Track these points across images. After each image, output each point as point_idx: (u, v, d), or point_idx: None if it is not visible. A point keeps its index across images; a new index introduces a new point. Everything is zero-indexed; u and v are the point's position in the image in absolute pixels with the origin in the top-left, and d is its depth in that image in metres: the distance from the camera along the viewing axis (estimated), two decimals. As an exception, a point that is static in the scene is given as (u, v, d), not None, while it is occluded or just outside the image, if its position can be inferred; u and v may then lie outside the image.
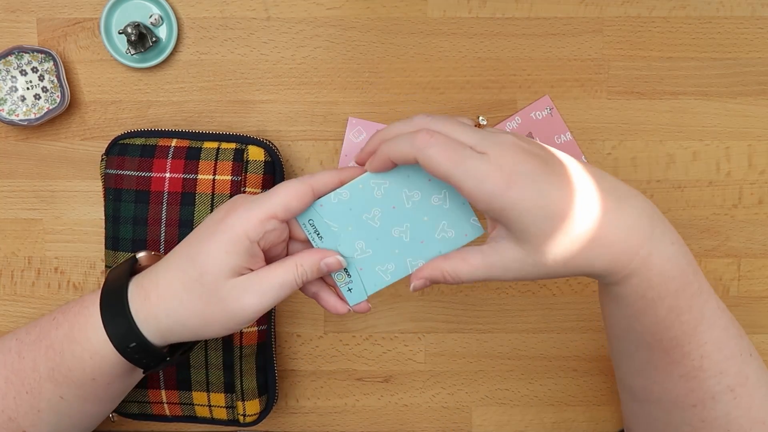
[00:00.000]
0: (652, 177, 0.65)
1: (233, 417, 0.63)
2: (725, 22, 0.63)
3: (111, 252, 0.61)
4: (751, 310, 0.66)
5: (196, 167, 0.60)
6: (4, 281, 0.66)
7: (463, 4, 0.63)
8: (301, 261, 0.49)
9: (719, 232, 0.65)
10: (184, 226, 0.59)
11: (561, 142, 0.64)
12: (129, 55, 0.62)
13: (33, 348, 0.52)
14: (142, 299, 0.50)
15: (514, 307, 0.67)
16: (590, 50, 0.64)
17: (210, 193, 0.59)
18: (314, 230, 0.50)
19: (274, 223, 0.48)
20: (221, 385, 0.61)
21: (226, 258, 0.47)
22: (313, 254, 0.50)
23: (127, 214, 0.60)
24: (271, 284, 0.48)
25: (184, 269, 0.49)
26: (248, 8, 0.63)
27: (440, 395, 0.68)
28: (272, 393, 0.64)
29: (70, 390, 0.52)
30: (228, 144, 0.61)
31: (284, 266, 0.49)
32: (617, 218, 0.45)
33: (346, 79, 0.64)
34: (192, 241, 0.50)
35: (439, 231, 0.50)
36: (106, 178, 0.61)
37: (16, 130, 0.65)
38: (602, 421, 0.68)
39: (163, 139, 0.61)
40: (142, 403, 0.63)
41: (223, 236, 0.48)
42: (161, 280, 0.50)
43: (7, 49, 0.61)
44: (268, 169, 0.60)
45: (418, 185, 0.49)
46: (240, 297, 0.48)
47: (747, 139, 0.64)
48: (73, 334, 0.51)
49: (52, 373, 0.51)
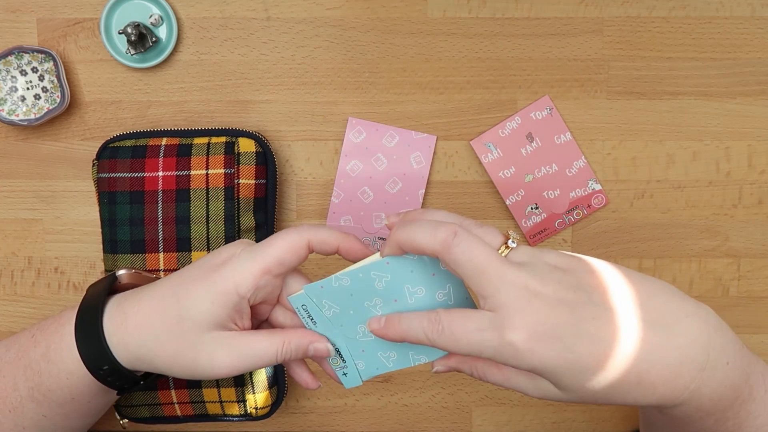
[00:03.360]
0: (652, 177, 0.65)
1: (245, 411, 0.63)
2: (725, 22, 0.63)
3: (110, 256, 0.61)
4: (751, 310, 0.66)
5: (189, 163, 0.60)
6: (4, 281, 0.66)
7: (463, 4, 0.63)
8: (290, 339, 0.47)
9: (719, 232, 0.65)
10: (181, 222, 0.59)
11: (561, 142, 0.64)
12: (129, 55, 0.62)
13: (12, 366, 0.51)
14: (119, 323, 0.48)
15: (514, 307, 0.66)
16: (590, 50, 0.64)
17: (204, 188, 0.59)
18: (308, 315, 0.48)
19: (267, 279, 0.46)
20: (231, 380, 0.61)
21: (210, 308, 0.46)
22: (303, 335, 0.48)
23: (123, 216, 0.60)
24: (250, 350, 0.46)
25: (167, 306, 0.47)
26: (248, 8, 0.63)
27: (440, 395, 0.68)
28: (282, 385, 0.64)
29: (52, 409, 0.51)
30: (218, 138, 0.61)
31: (270, 338, 0.47)
32: (663, 357, 0.41)
33: (346, 79, 0.64)
34: (184, 277, 0.48)
35: None
36: (99, 182, 0.60)
37: (16, 130, 0.65)
38: (602, 421, 0.68)
39: (153, 138, 0.61)
40: (153, 406, 0.63)
41: (212, 286, 0.46)
42: (143, 308, 0.48)
43: (7, 49, 0.61)
44: (259, 159, 0.61)
45: (421, 281, 0.46)
46: (213, 353, 0.46)
47: (747, 139, 0.64)
48: (50, 354, 0.50)
49: (31, 392, 0.50)
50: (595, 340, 0.40)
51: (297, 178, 0.65)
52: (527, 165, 0.64)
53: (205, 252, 0.60)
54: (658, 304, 0.42)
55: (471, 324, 0.41)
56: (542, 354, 0.40)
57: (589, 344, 0.40)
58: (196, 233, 0.60)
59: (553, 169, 0.64)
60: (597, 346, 0.40)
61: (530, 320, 0.40)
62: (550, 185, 0.64)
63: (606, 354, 0.40)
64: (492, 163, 0.64)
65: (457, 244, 0.41)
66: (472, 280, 0.41)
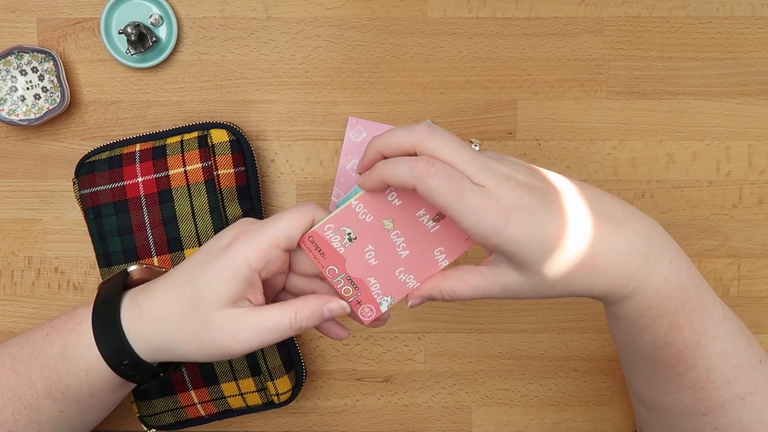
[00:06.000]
0: (652, 177, 0.65)
1: (267, 399, 0.63)
2: (725, 22, 0.63)
3: (105, 270, 0.61)
4: (751, 310, 0.66)
5: (165, 164, 0.60)
6: (4, 281, 0.66)
7: (463, 4, 0.63)
8: (301, 307, 0.48)
9: (719, 232, 0.65)
10: (169, 223, 0.60)
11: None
12: (129, 55, 0.62)
13: (27, 365, 0.52)
14: (135, 317, 0.49)
15: (514, 307, 0.67)
16: (590, 50, 0.64)
17: (185, 185, 0.60)
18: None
19: (276, 253, 0.47)
20: (246, 370, 0.62)
21: (224, 286, 0.47)
22: (315, 301, 0.48)
23: (111, 228, 0.60)
24: (264, 324, 0.47)
25: (180, 291, 0.48)
26: (248, 8, 0.63)
27: (440, 395, 0.68)
28: (299, 367, 0.64)
29: (69, 405, 0.51)
30: (189, 134, 0.61)
31: (281, 310, 0.48)
32: (613, 244, 0.45)
33: (346, 79, 0.64)
34: (193, 263, 0.49)
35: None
36: (82, 199, 0.61)
37: (16, 130, 0.65)
38: (602, 421, 0.68)
39: (127, 146, 0.62)
40: (176, 411, 0.63)
41: (224, 263, 0.47)
42: (157, 299, 0.49)
43: (7, 49, 0.61)
44: (234, 148, 0.61)
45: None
46: (230, 329, 0.47)
47: (747, 139, 0.64)
48: (68, 352, 0.50)
49: (49, 390, 0.51)
50: (559, 221, 0.44)
51: (297, 178, 0.65)
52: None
53: (197, 248, 0.60)
54: (608, 203, 0.47)
55: (462, 182, 0.44)
56: (517, 226, 0.43)
57: (554, 224, 0.44)
58: (185, 231, 0.60)
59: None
60: (560, 227, 0.44)
61: (509, 194, 0.43)
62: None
63: (567, 235, 0.44)
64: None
65: (432, 176, 0.44)
66: (454, 178, 0.44)
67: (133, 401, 0.63)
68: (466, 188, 0.43)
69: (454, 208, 0.43)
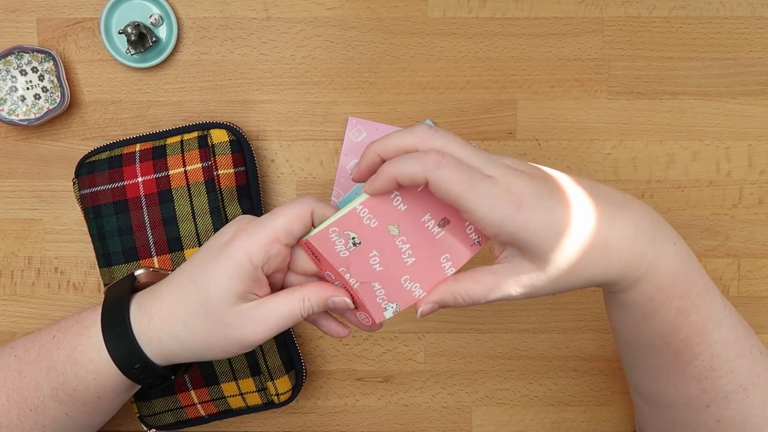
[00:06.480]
0: (652, 177, 0.65)
1: (267, 399, 0.63)
2: (725, 22, 0.63)
3: (106, 270, 0.61)
4: (751, 310, 0.66)
5: (165, 164, 0.60)
6: (4, 281, 0.66)
7: (463, 4, 0.63)
8: (309, 295, 0.48)
9: (719, 232, 0.65)
10: (169, 223, 0.60)
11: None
12: (129, 55, 0.62)
13: (34, 367, 0.52)
14: (146, 321, 0.49)
15: (514, 307, 0.67)
16: (590, 50, 0.64)
17: (185, 185, 0.60)
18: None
19: (277, 248, 0.47)
20: (246, 370, 0.62)
21: (230, 283, 0.47)
22: (321, 289, 0.49)
23: (111, 228, 0.60)
24: (275, 314, 0.48)
25: (188, 293, 0.48)
26: (248, 8, 0.63)
27: (440, 395, 0.68)
28: (299, 367, 0.64)
29: (75, 407, 0.52)
30: (189, 134, 0.61)
31: (290, 297, 0.48)
32: (621, 224, 0.45)
33: (346, 79, 0.64)
34: (196, 263, 0.49)
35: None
36: (82, 198, 0.61)
37: (16, 130, 0.65)
38: (602, 421, 0.68)
39: (127, 147, 0.62)
40: (176, 411, 0.63)
41: (227, 261, 0.47)
42: (165, 302, 0.49)
43: (7, 49, 0.61)
44: (234, 148, 0.61)
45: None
46: (243, 324, 0.48)
47: (747, 139, 0.64)
48: (75, 356, 0.51)
49: (55, 392, 0.51)
50: (566, 206, 0.44)
51: (297, 178, 0.65)
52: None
53: (197, 248, 0.60)
54: (605, 190, 0.47)
55: (473, 172, 0.44)
56: (529, 212, 0.43)
57: (563, 208, 0.44)
58: (185, 231, 0.60)
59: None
60: (569, 211, 0.44)
61: (518, 183, 0.44)
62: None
63: (577, 218, 0.44)
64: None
65: (444, 166, 0.44)
66: (462, 170, 0.44)
67: (133, 401, 0.63)
68: (479, 178, 0.43)
69: (467, 197, 0.43)
